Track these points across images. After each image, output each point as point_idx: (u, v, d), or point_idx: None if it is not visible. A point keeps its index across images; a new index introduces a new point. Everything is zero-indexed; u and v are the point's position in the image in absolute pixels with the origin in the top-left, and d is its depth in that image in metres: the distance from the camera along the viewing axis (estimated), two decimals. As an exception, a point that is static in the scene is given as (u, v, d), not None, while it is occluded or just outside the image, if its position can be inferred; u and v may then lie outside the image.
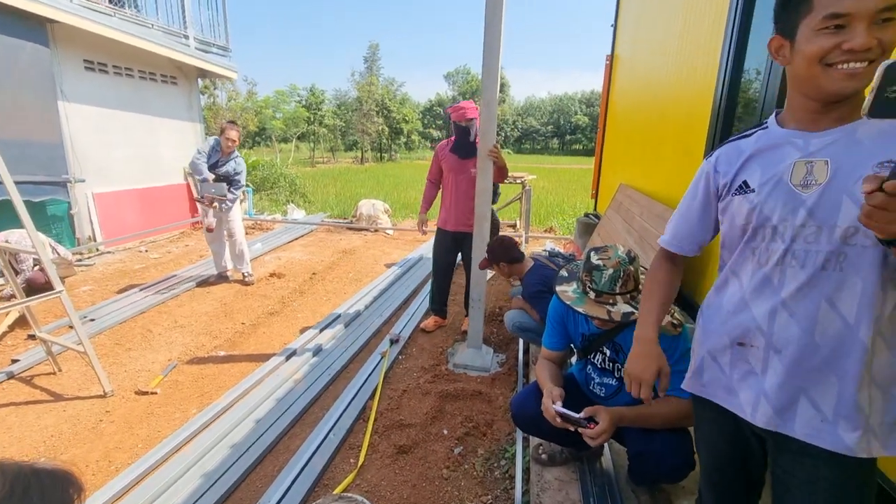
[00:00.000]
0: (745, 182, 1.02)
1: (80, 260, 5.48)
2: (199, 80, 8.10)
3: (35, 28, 5.07)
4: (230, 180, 4.44)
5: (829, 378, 0.93)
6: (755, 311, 1.01)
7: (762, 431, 1.03)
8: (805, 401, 0.96)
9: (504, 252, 2.83)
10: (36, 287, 3.84)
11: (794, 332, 0.95)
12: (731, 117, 2.36)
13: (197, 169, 4.24)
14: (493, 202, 5.37)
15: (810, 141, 0.94)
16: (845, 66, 0.86)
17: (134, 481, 2.07)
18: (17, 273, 3.99)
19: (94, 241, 5.93)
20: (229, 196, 4.42)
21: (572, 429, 1.51)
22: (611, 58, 5.30)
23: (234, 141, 4.33)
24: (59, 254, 4.47)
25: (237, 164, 4.46)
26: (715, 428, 1.17)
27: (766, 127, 1.03)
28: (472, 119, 3.28)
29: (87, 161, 5.84)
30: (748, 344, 1.03)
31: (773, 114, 1.04)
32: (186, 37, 7.43)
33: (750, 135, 1.06)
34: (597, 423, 1.47)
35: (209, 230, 4.49)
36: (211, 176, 4.27)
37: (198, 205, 4.55)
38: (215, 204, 4.38)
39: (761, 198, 0.98)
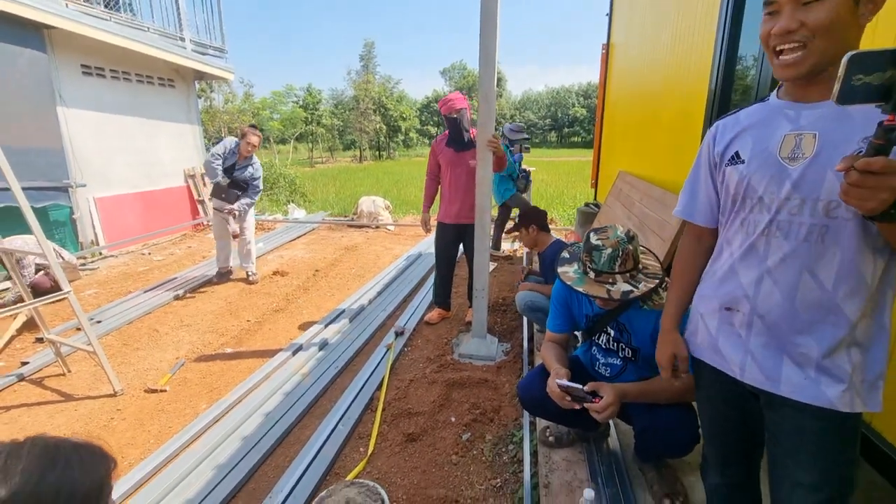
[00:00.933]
0: (736, 153, 1.06)
1: (83, 264, 5.51)
2: (196, 82, 8.12)
3: (32, 34, 5.09)
4: (248, 185, 4.50)
5: (808, 341, 0.97)
6: (742, 279, 1.05)
7: (754, 389, 1.07)
8: (788, 361, 1.00)
9: (537, 217, 2.91)
10: (40, 291, 3.87)
11: (777, 298, 1.00)
12: (728, 98, 2.37)
13: (211, 170, 4.31)
14: (526, 190, 5.45)
15: (801, 113, 0.97)
16: (781, 56, 0.94)
17: (148, 475, 2.11)
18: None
19: (97, 245, 5.96)
20: (246, 201, 4.51)
21: (578, 406, 1.54)
22: (607, 46, 5.31)
23: (255, 146, 4.38)
24: (63, 258, 4.50)
25: (255, 169, 4.53)
26: (713, 388, 1.21)
27: (767, 100, 1.07)
28: (461, 109, 3.29)
29: (87, 166, 5.86)
30: (734, 309, 1.08)
31: (777, 87, 1.07)
32: (182, 39, 7.45)
33: (751, 106, 1.10)
34: (601, 398, 1.50)
35: (235, 236, 4.57)
36: (224, 178, 4.31)
37: (214, 212, 4.60)
38: (235, 212, 4.45)
39: (750, 169, 1.02)
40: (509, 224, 3.02)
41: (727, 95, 2.36)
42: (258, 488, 2.08)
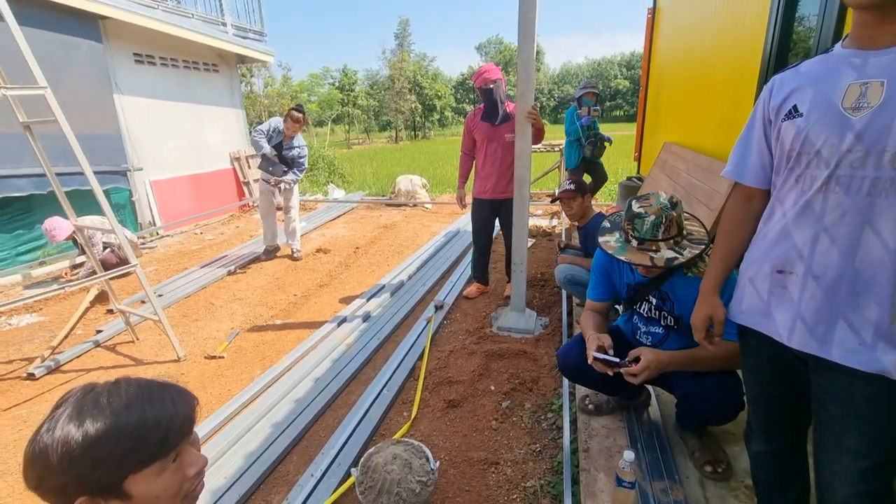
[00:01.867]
0: (794, 107, 1.01)
1: (143, 243, 5.90)
2: (238, 66, 8.36)
3: (89, 25, 5.38)
4: (295, 162, 4.71)
5: (868, 302, 0.93)
6: (797, 239, 1.02)
7: (802, 354, 1.04)
8: (843, 324, 0.96)
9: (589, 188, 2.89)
10: (108, 268, 4.21)
11: (834, 257, 0.95)
12: (784, 58, 2.24)
13: (256, 144, 4.50)
14: (594, 156, 5.15)
15: (868, 60, 0.91)
16: None
17: (212, 432, 2.30)
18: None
19: (154, 225, 6.35)
20: (291, 177, 4.70)
21: (610, 372, 1.56)
22: (652, 11, 5.06)
23: (298, 124, 4.53)
24: (126, 236, 4.85)
25: (301, 148, 4.72)
26: (759, 354, 1.18)
27: (831, 51, 1.02)
28: (496, 80, 3.22)
29: (142, 150, 6.21)
30: (787, 271, 1.04)
31: (843, 38, 1.02)
32: (224, 24, 7.66)
33: (813, 58, 1.05)
34: (638, 362, 1.51)
35: (278, 209, 4.80)
36: (270, 150, 4.49)
37: (260, 182, 4.83)
38: (281, 185, 4.65)
39: (809, 123, 0.97)
40: (563, 192, 2.92)
41: (784, 54, 2.23)
42: (310, 446, 2.23)
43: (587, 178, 5.39)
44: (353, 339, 3.22)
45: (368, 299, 3.88)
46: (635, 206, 1.57)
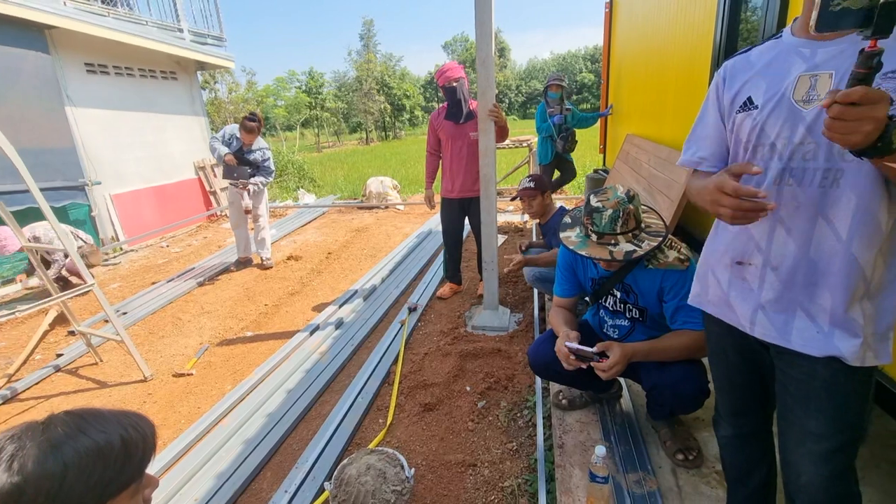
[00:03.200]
0: (749, 98, 1.01)
1: (106, 259, 5.68)
2: (199, 73, 8.13)
3: (35, 35, 5.13)
4: (260, 167, 4.59)
5: (823, 292, 0.95)
6: (754, 231, 1.02)
7: (764, 342, 1.06)
8: (801, 314, 0.98)
9: (550, 184, 2.86)
10: (75, 274, 4.07)
11: (791, 248, 0.97)
12: (733, 49, 2.30)
13: (212, 148, 4.38)
14: (566, 150, 5.14)
15: (817, 51, 0.92)
16: None
17: (182, 451, 2.22)
18: (50, 265, 4.21)
19: (117, 240, 6.12)
20: (259, 179, 4.58)
21: (584, 366, 1.56)
22: (610, 5, 5.13)
23: (249, 134, 4.39)
24: (83, 240, 4.66)
25: (262, 151, 4.59)
26: (723, 342, 1.20)
27: (780, 36, 1.02)
28: (459, 79, 3.22)
29: (100, 163, 5.97)
30: (746, 262, 1.05)
31: (791, 22, 1.01)
32: (181, 30, 7.43)
33: (763, 44, 1.05)
34: (608, 358, 1.52)
35: (247, 212, 4.66)
36: (226, 150, 4.36)
37: (229, 190, 4.70)
38: (249, 187, 4.53)
39: (763, 115, 0.98)
40: (523, 190, 2.90)
41: (733, 45, 2.28)
42: (284, 460, 2.17)
43: (556, 174, 5.44)
44: (326, 348, 3.16)
45: (341, 305, 3.83)
46: (593, 201, 1.58)
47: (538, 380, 2.45)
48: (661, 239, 1.55)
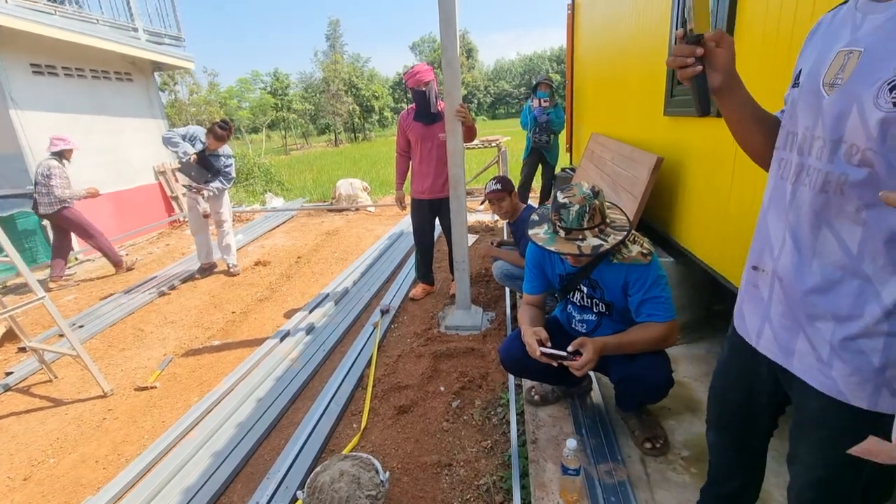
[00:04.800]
0: (800, 72, 0.86)
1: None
2: (157, 75, 7.83)
3: (-28, 34, 4.83)
4: (221, 172, 4.44)
5: (824, 314, 0.80)
6: (771, 231, 0.90)
7: (775, 365, 0.94)
8: (803, 336, 0.85)
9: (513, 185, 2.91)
10: (73, 228, 4.77)
11: (794, 259, 0.84)
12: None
13: (170, 141, 4.15)
14: (544, 144, 5.35)
15: (865, 19, 0.74)
16: None
17: (146, 468, 2.13)
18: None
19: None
20: (217, 184, 4.42)
21: (555, 364, 1.59)
22: (571, 6, 5.24)
23: (222, 140, 4.30)
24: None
25: (227, 158, 4.47)
26: (732, 355, 1.09)
27: None
28: (429, 82, 3.22)
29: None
30: (760, 268, 0.94)
31: None
32: (135, 29, 7.14)
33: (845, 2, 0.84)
34: (581, 356, 1.55)
35: (205, 216, 4.51)
36: (190, 147, 4.20)
37: (187, 194, 4.54)
38: (204, 192, 4.37)
39: (795, 97, 0.84)
40: (490, 193, 2.95)
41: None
42: (255, 471, 2.12)
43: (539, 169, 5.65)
44: (297, 354, 3.10)
45: (312, 310, 3.76)
46: (560, 197, 1.61)
47: (511, 377, 2.47)
48: (625, 233, 1.59)
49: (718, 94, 0.93)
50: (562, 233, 1.60)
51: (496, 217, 6.35)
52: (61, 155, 4.70)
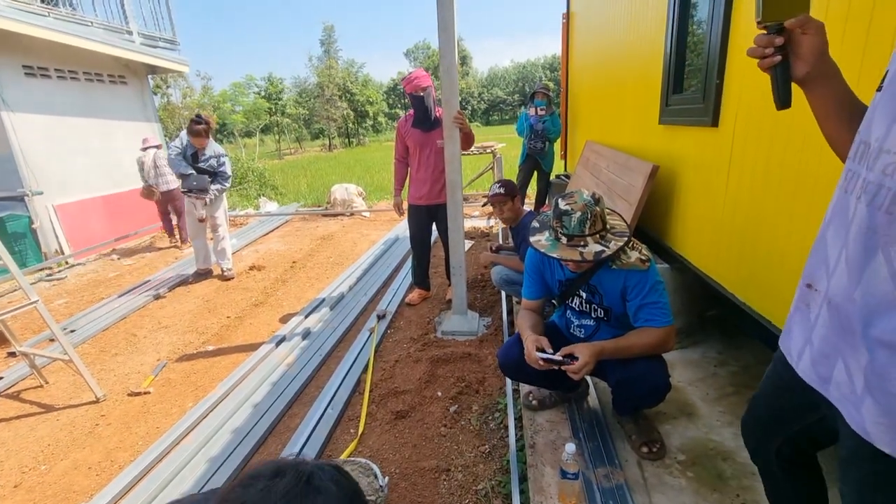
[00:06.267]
0: (886, 73, 0.76)
1: (49, 274, 5.34)
2: (150, 77, 7.80)
3: (-35, 36, 4.80)
4: (215, 173, 4.42)
5: (862, 345, 0.73)
6: (829, 249, 0.82)
7: (816, 393, 0.87)
8: (841, 364, 0.79)
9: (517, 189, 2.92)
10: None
11: (844, 281, 0.76)
12: (682, 57, 2.42)
13: (175, 164, 4.26)
14: (539, 151, 5.44)
15: None
16: None
17: (140, 474, 2.11)
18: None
19: (62, 253, 5.76)
20: (217, 186, 4.42)
21: (556, 367, 1.60)
22: (567, 16, 5.30)
23: (200, 136, 4.26)
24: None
25: (218, 158, 4.43)
26: (775, 368, 1.03)
27: None
28: (426, 87, 3.24)
29: (42, 172, 5.62)
30: (814, 287, 0.86)
31: None
32: (130, 32, 7.12)
33: None
34: (577, 360, 1.56)
35: (200, 221, 4.49)
36: (191, 171, 4.24)
37: (185, 198, 4.54)
38: (202, 197, 4.36)
39: (876, 102, 0.75)
40: (494, 196, 2.96)
41: (682, 56, 2.41)
42: (252, 477, 2.10)
43: (534, 175, 5.71)
44: (293, 359, 3.09)
45: (308, 315, 3.75)
46: (562, 205, 1.62)
47: (509, 382, 2.48)
48: (626, 238, 1.61)
49: (805, 85, 0.85)
50: (564, 239, 1.62)
51: (492, 222, 6.39)
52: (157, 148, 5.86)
